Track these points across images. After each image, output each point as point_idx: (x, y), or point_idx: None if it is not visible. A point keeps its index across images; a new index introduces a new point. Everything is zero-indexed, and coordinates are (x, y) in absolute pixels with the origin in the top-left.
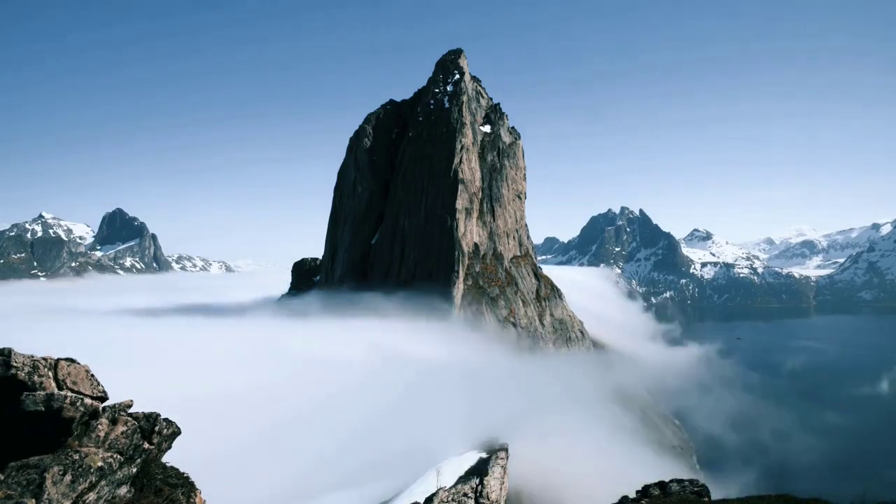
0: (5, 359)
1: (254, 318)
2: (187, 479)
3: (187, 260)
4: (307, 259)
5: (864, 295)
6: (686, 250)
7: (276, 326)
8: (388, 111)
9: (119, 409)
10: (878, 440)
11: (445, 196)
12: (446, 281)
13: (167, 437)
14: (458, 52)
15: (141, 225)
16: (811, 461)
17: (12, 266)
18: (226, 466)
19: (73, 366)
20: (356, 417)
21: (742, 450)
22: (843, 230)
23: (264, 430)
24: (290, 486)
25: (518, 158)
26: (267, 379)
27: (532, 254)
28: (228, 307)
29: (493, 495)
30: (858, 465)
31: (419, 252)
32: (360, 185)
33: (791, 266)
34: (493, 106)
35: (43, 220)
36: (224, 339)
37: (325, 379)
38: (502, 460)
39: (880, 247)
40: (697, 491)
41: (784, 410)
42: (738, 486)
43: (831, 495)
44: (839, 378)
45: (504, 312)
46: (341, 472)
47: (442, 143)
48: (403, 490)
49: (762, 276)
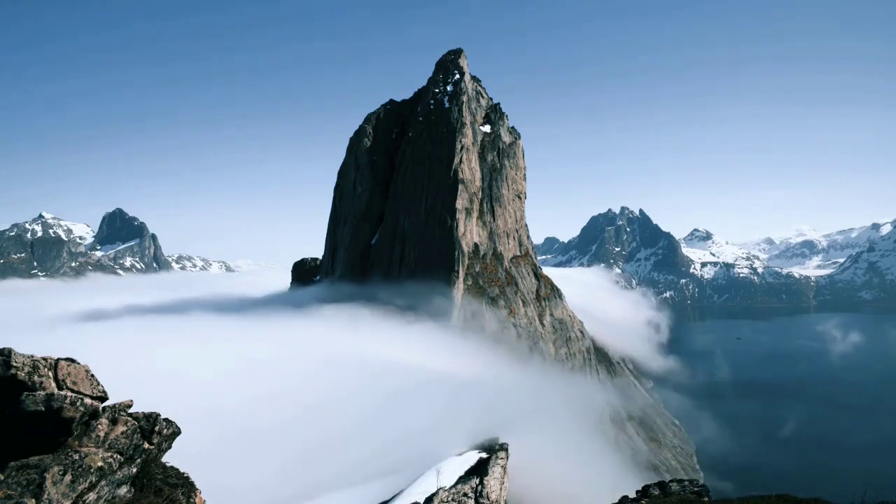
0: (5, 359)
1: (254, 319)
2: (187, 479)
3: (187, 260)
4: (307, 259)
5: (864, 295)
6: (686, 250)
7: (275, 328)
8: (388, 111)
9: (119, 409)
10: (879, 440)
11: (445, 196)
12: (446, 281)
13: (167, 437)
14: (458, 52)
15: (141, 225)
16: (811, 461)
17: (12, 266)
18: (226, 467)
19: (73, 366)
20: (356, 418)
21: (742, 450)
22: (843, 230)
23: (265, 431)
24: (290, 486)
25: (518, 158)
26: (267, 380)
27: (532, 254)
28: (231, 305)
29: (493, 495)
30: (858, 465)
31: (419, 252)
32: (360, 185)
33: (791, 266)
34: (493, 106)
35: (43, 220)
36: (227, 340)
37: (324, 380)
38: (502, 460)
39: (880, 247)
40: (697, 491)
41: (784, 410)
42: (738, 486)
43: (831, 495)
44: (839, 378)
45: (504, 312)
46: (341, 472)
47: (442, 143)
48: (403, 490)
49: (762, 276)
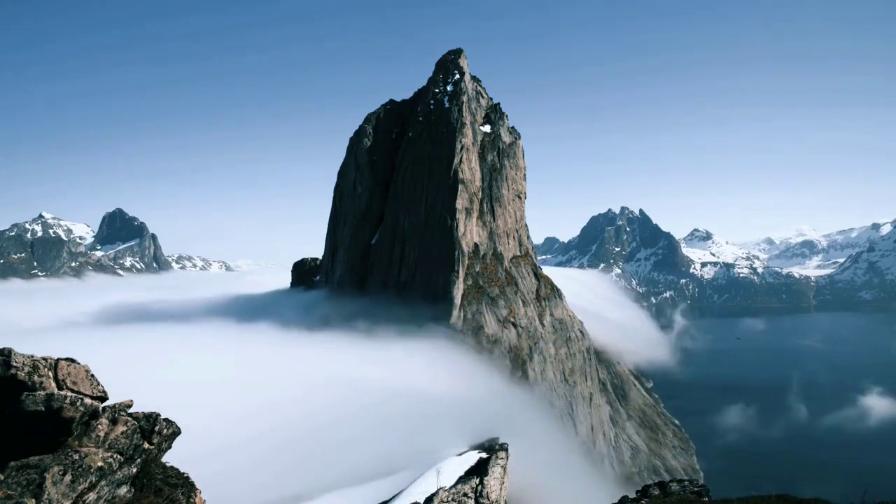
0: (5, 359)
1: (255, 320)
2: (187, 479)
3: (187, 260)
4: (307, 259)
5: (864, 295)
6: (686, 250)
7: (275, 329)
8: (388, 111)
9: (119, 409)
10: (879, 440)
11: (445, 196)
12: (446, 281)
13: (167, 437)
14: (458, 52)
15: (141, 225)
16: (811, 461)
17: (12, 266)
18: (226, 467)
19: (73, 366)
20: (356, 418)
21: (742, 450)
22: (843, 230)
23: (264, 431)
24: (290, 486)
25: (518, 158)
26: (267, 382)
27: (532, 254)
28: (232, 307)
29: (493, 495)
30: (858, 465)
31: (419, 252)
32: (360, 185)
33: (791, 266)
34: (493, 106)
35: (43, 220)
36: (228, 341)
37: (324, 382)
38: (502, 460)
39: (880, 247)
40: (697, 491)
41: (784, 410)
42: (738, 486)
43: (831, 495)
44: (839, 378)
45: (504, 312)
46: (341, 473)
47: (442, 143)
48: (403, 490)
49: (762, 276)
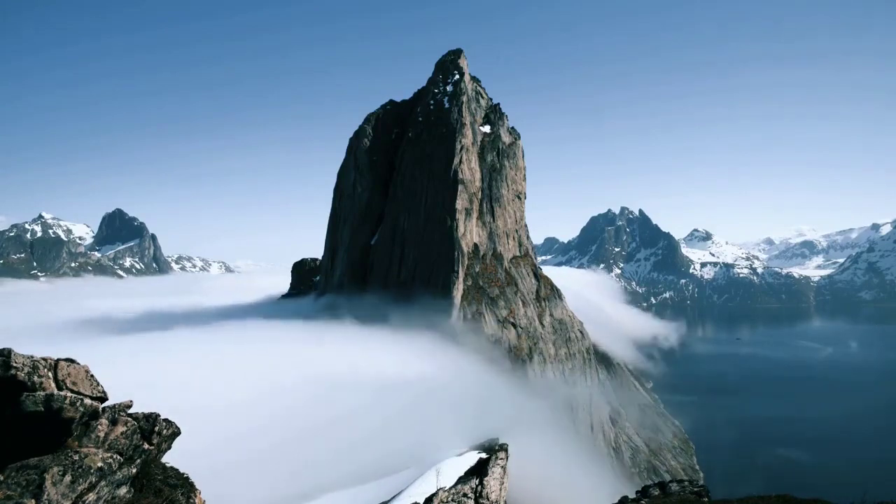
0: (5, 359)
1: (256, 322)
2: (187, 480)
3: (187, 260)
4: (307, 259)
5: (864, 295)
6: (686, 250)
7: (275, 329)
8: (387, 111)
9: (119, 409)
10: (879, 440)
11: (445, 196)
12: (446, 281)
13: (167, 438)
14: (458, 53)
15: (141, 225)
16: (811, 461)
17: (12, 266)
18: (225, 467)
19: (72, 366)
20: (356, 418)
21: (742, 450)
22: (843, 230)
23: (265, 432)
24: (289, 486)
25: (518, 159)
26: (267, 383)
27: (532, 254)
28: (232, 309)
29: (493, 496)
30: (858, 465)
31: (419, 252)
32: (359, 186)
33: (791, 266)
34: (493, 106)
35: (43, 220)
36: (228, 342)
37: (323, 382)
38: (502, 460)
39: (880, 247)
40: (697, 491)
41: (784, 410)
42: (739, 486)
43: (831, 495)
44: (839, 378)
45: (504, 313)
46: (341, 473)
47: (442, 143)
48: (403, 490)
49: (762, 277)
